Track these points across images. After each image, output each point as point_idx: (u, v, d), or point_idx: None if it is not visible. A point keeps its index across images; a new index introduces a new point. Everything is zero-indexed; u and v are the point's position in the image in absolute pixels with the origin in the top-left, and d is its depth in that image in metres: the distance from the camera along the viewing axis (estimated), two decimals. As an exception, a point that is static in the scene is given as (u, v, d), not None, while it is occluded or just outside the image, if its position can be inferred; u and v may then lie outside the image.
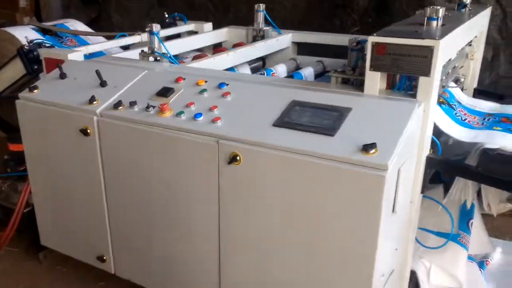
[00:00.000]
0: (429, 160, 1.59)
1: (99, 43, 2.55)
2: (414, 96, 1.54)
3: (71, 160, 1.94)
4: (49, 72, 2.25)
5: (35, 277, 2.31)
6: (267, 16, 2.76)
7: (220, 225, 1.64)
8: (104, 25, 3.62)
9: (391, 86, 1.66)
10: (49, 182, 2.07)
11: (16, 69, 2.48)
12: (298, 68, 2.71)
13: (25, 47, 2.38)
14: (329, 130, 1.44)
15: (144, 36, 2.74)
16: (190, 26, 3.04)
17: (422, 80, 1.49)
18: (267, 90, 1.70)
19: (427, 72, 1.48)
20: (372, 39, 1.54)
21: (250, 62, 2.59)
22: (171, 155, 1.67)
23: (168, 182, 1.71)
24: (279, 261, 1.57)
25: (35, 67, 2.40)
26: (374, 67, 1.56)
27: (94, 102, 1.83)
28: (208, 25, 3.06)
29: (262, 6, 2.76)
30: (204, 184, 1.62)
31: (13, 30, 3.01)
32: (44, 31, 3.05)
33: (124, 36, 2.70)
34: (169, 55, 2.15)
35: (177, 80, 1.84)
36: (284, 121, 1.52)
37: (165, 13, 3.07)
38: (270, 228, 1.54)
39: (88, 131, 1.82)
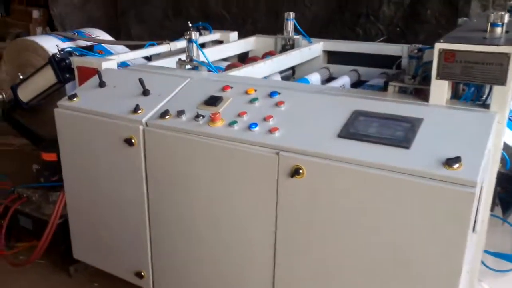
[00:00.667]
0: (500, 176, 1.44)
1: (130, 52, 2.39)
2: (485, 106, 1.40)
3: (113, 171, 1.76)
4: (82, 80, 2.10)
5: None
6: (297, 24, 2.62)
7: (276, 245, 1.46)
8: (124, 36, 3.47)
9: (454, 95, 1.52)
10: (86, 193, 1.89)
11: (47, 77, 2.31)
12: (331, 77, 2.57)
13: (57, 56, 2.22)
14: (404, 142, 1.28)
15: (172, 45, 2.60)
16: (216, 36, 2.89)
17: (497, 89, 1.34)
18: (324, 100, 1.54)
19: (503, 80, 1.33)
20: (439, 45, 1.38)
21: (280, 72, 2.44)
22: (224, 167, 1.50)
23: (219, 195, 1.54)
24: (340, 283, 1.40)
25: (67, 75, 2.24)
26: (441, 76, 1.41)
27: (139, 111, 1.67)
28: (234, 34, 2.91)
29: (292, 15, 2.62)
30: (260, 199, 1.45)
31: (38, 39, 2.87)
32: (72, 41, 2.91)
33: (153, 45, 2.55)
34: (208, 63, 2.00)
35: (224, 89, 1.67)
36: (350, 132, 1.36)
37: (189, 22, 2.91)
38: (336, 251, 1.36)
39: (133, 140, 1.65)
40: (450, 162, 1.18)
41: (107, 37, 3.17)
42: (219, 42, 2.89)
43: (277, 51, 2.67)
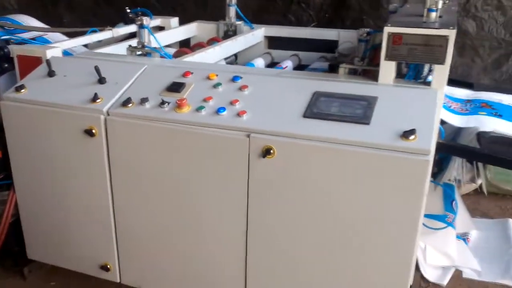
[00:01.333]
0: (439, 146, 1.60)
1: (72, 39, 2.22)
2: (426, 83, 1.54)
3: (71, 164, 1.66)
4: (23, 70, 1.94)
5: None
6: (239, 11, 2.63)
7: (248, 222, 1.50)
8: (56, 24, 3.21)
9: (397, 74, 1.65)
10: (40, 189, 1.77)
11: (-21, 68, 2.09)
12: (273, 62, 2.62)
13: (-9, 44, 2.01)
14: (364, 118, 1.37)
15: (115, 31, 2.47)
16: (157, 21, 2.79)
17: (437, 68, 1.49)
18: (284, 82, 1.59)
19: (442, 60, 1.47)
20: (388, 29, 1.49)
21: (225, 58, 2.44)
22: (193, 152, 1.49)
23: (188, 181, 1.53)
24: (313, 257, 1.47)
25: (5, 65, 2.04)
26: (390, 57, 1.52)
27: (98, 100, 1.59)
28: (175, 20, 2.82)
29: (233, 1, 2.62)
30: (231, 181, 1.47)
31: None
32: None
33: (95, 31, 2.40)
34: (161, 49, 1.95)
35: (185, 75, 1.65)
36: (314, 112, 1.43)
37: (127, 8, 2.78)
38: (305, 223, 1.43)
39: (94, 131, 1.57)
40: (406, 134, 1.30)
41: (40, 24, 2.92)
42: (160, 28, 2.80)
43: (220, 37, 2.66)
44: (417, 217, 1.32)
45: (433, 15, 1.62)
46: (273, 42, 2.67)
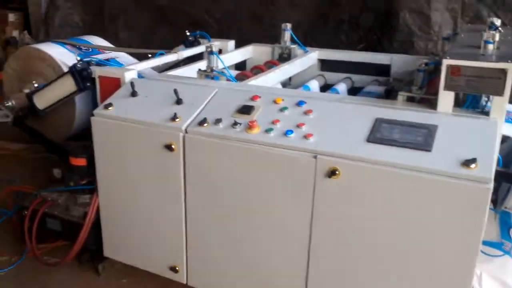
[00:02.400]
0: (497, 173, 1.60)
1: (144, 62, 2.38)
2: (484, 113, 1.56)
3: (150, 174, 1.80)
4: (103, 89, 2.11)
5: None
6: (293, 35, 2.72)
7: (311, 238, 1.56)
8: (112, 42, 3.43)
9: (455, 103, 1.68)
10: (121, 195, 1.92)
11: (66, 85, 2.27)
12: (326, 84, 2.69)
13: (78, 65, 2.20)
14: (425, 145, 1.42)
15: (180, 54, 2.63)
16: (215, 44, 2.93)
17: (496, 99, 1.51)
18: (347, 108, 1.66)
19: (501, 92, 1.50)
20: (446, 62, 1.53)
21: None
22: (262, 170, 1.59)
23: (256, 197, 1.63)
24: (372, 278, 1.51)
25: (87, 84, 2.23)
26: (448, 87, 1.56)
27: (177, 119, 1.72)
28: (231, 43, 2.96)
29: (289, 26, 2.72)
30: (296, 197, 1.55)
31: (44, 47, 2.80)
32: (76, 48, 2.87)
33: (162, 54, 2.57)
34: (229, 74, 2.07)
35: (253, 98, 1.76)
36: (377, 137, 1.49)
37: (187, 31, 2.93)
38: (366, 243, 1.48)
39: (173, 146, 1.70)
40: (467, 162, 1.34)
41: (107, 44, 3.13)
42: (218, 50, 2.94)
43: (274, 59, 2.76)
44: (476, 244, 1.35)
45: (490, 47, 1.66)
46: (326, 65, 2.75)
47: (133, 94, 1.90)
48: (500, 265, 1.91)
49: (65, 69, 2.59)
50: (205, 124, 1.68)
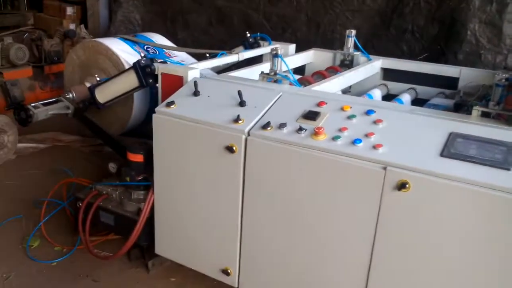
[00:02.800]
0: None
1: (207, 61, 2.47)
2: None
3: (209, 174, 1.86)
4: (165, 86, 2.20)
5: (143, 285, 2.21)
6: (357, 42, 2.72)
7: (373, 251, 1.56)
8: (171, 40, 3.57)
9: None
10: (176, 193, 1.99)
11: (129, 81, 2.39)
12: (388, 93, 2.67)
13: (142, 62, 2.31)
14: (504, 164, 1.39)
15: (241, 55, 2.70)
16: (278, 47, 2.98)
17: None
18: (418, 120, 1.64)
19: None
20: (532, 76, 1.51)
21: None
22: (326, 178, 1.60)
23: (317, 205, 1.64)
24: None
25: (150, 80, 2.33)
26: (531, 104, 1.53)
27: (240, 121, 1.77)
28: (292, 47, 3.00)
29: (353, 32, 2.72)
30: (361, 209, 1.55)
31: (108, 42, 2.95)
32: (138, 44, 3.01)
33: (223, 54, 2.65)
34: (293, 78, 2.10)
35: (319, 104, 1.78)
36: (451, 152, 1.47)
37: (247, 32, 3.00)
38: (430, 259, 1.46)
39: (234, 148, 1.75)
40: (552, 185, 1.30)
41: (166, 41, 3.27)
42: (278, 53, 2.98)
43: (335, 65, 2.77)
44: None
45: None
46: (389, 74, 2.73)
47: (196, 93, 1.97)
48: None
49: (127, 65, 2.76)
50: (269, 128, 1.72)
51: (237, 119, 1.77)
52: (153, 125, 1.97)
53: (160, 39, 3.19)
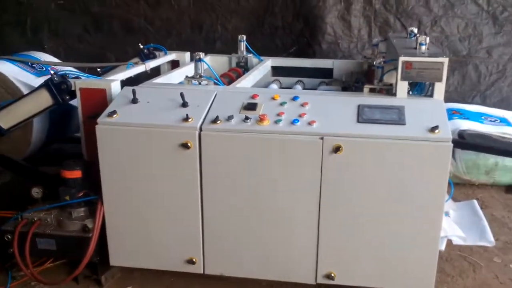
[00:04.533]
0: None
1: (120, 73, 2.60)
2: (430, 96, 2.22)
3: (165, 173, 2.07)
4: (86, 101, 2.32)
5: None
6: (248, 46, 3.19)
7: (320, 204, 2.03)
8: (37, 50, 3.47)
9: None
10: (130, 200, 2.13)
11: (41, 100, 2.38)
12: (281, 87, 3.20)
13: (55, 79, 2.33)
14: (401, 120, 2.01)
15: (147, 65, 2.90)
16: (172, 56, 3.25)
17: (437, 84, 2.18)
18: (333, 99, 2.20)
19: (440, 78, 2.17)
20: (402, 59, 2.16)
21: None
22: (276, 156, 2.00)
23: (271, 179, 2.03)
24: (368, 218, 2.02)
25: (67, 97, 2.37)
26: (403, 78, 2.18)
27: (189, 120, 2.03)
28: (187, 54, 3.31)
29: (244, 37, 3.18)
30: (308, 174, 2.00)
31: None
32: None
33: (131, 65, 2.81)
34: (217, 79, 2.43)
35: (253, 97, 2.17)
36: (364, 119, 2.03)
37: (140, 44, 3.19)
38: (367, 201, 2.00)
39: (189, 144, 2.01)
40: (433, 129, 1.95)
41: (53, 59, 3.20)
42: (174, 61, 3.25)
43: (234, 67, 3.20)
44: (445, 184, 1.95)
45: (423, 47, 2.34)
46: (278, 71, 3.28)
47: (134, 101, 2.15)
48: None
49: (21, 87, 2.68)
50: (218, 122, 2.03)
51: (186, 118, 2.04)
52: (97, 136, 2.07)
53: (46, 57, 3.12)
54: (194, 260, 2.17)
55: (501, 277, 2.45)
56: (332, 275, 2.10)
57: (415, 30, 2.91)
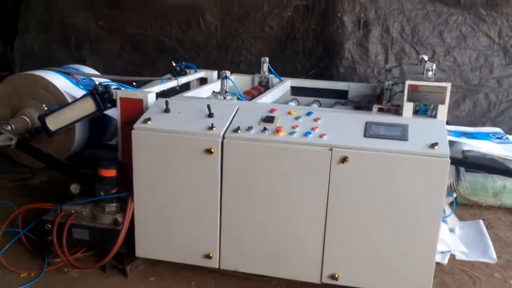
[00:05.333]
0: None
1: (155, 86, 2.91)
2: (433, 117, 2.42)
3: (190, 175, 2.32)
4: (124, 109, 2.61)
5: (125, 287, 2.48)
6: (270, 67, 3.46)
7: (327, 209, 2.23)
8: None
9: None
10: (159, 197, 2.39)
11: (86, 107, 2.69)
12: (299, 105, 3.45)
13: (99, 88, 2.64)
14: (404, 137, 2.21)
15: (180, 81, 3.19)
16: (201, 74, 3.55)
17: (440, 107, 2.38)
18: (343, 115, 2.43)
19: (443, 101, 2.38)
20: (408, 82, 2.38)
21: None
22: (289, 163, 2.23)
23: (284, 184, 2.25)
24: (375, 233, 2.21)
25: (108, 105, 2.67)
26: (409, 100, 2.40)
27: (214, 128, 2.29)
28: (215, 73, 3.61)
29: (266, 59, 3.46)
30: (317, 181, 2.21)
31: (44, 74, 3.15)
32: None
33: (166, 80, 3.12)
34: (240, 94, 2.70)
35: (271, 111, 2.42)
36: (370, 134, 2.24)
37: (173, 62, 3.50)
38: (371, 210, 2.19)
39: (212, 150, 2.26)
40: (433, 145, 2.14)
41: (94, 72, 3.56)
42: (203, 78, 3.55)
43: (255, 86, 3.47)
44: (441, 199, 2.14)
45: (430, 73, 2.55)
46: (296, 90, 3.54)
47: (167, 110, 2.43)
48: (441, 230, 2.77)
49: (67, 96, 3.02)
50: (239, 131, 2.28)
51: (211, 127, 2.30)
52: (133, 140, 2.36)
53: (89, 70, 3.48)
54: (211, 255, 2.39)
55: (500, 291, 2.58)
56: (336, 276, 2.28)
57: (426, 58, 3.12)
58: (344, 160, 2.17)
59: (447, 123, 3.21)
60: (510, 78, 3.87)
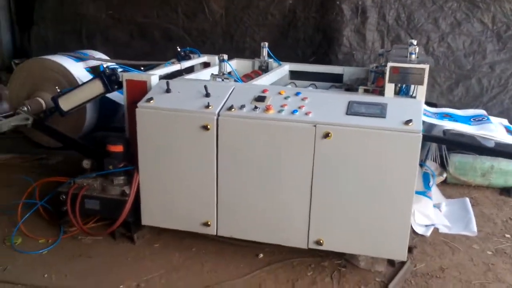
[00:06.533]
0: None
1: (160, 69, 3.18)
2: (412, 97, 2.64)
3: (189, 149, 2.60)
4: (130, 90, 2.88)
5: (133, 252, 2.78)
6: (270, 52, 3.70)
7: (313, 179, 2.48)
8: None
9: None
10: (161, 170, 2.67)
11: (94, 88, 2.98)
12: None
13: (107, 71, 2.92)
14: (382, 114, 2.45)
15: (182, 65, 3.46)
16: (204, 58, 3.81)
17: (419, 87, 2.61)
18: (329, 95, 2.67)
19: (421, 82, 2.60)
20: (390, 64, 2.60)
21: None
22: (278, 138, 2.49)
23: (273, 157, 2.51)
24: (355, 202, 2.46)
25: (115, 86, 2.95)
26: (390, 81, 2.63)
27: (210, 107, 2.56)
28: (217, 57, 3.85)
29: (266, 44, 3.69)
30: (302, 154, 2.47)
31: (57, 59, 3.44)
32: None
33: (169, 64, 3.38)
34: (236, 77, 2.96)
35: (263, 91, 2.67)
36: (352, 112, 2.48)
37: (178, 47, 3.76)
38: (352, 182, 2.44)
39: (208, 126, 2.53)
40: (407, 122, 2.37)
41: (104, 56, 3.85)
42: (206, 63, 3.81)
43: (255, 70, 3.71)
44: (415, 168, 2.37)
45: (413, 56, 2.76)
46: (294, 74, 3.77)
47: (168, 91, 2.70)
48: (425, 205, 3.03)
49: (77, 77, 3.32)
50: (233, 109, 2.54)
51: (207, 105, 2.57)
52: (137, 117, 2.64)
53: (100, 55, 3.77)
54: (209, 223, 2.68)
55: (476, 260, 2.81)
56: (321, 241, 2.55)
57: (414, 42, 3.31)
58: (327, 135, 2.42)
59: (436, 106, 3.45)
60: (502, 63, 4.03)
